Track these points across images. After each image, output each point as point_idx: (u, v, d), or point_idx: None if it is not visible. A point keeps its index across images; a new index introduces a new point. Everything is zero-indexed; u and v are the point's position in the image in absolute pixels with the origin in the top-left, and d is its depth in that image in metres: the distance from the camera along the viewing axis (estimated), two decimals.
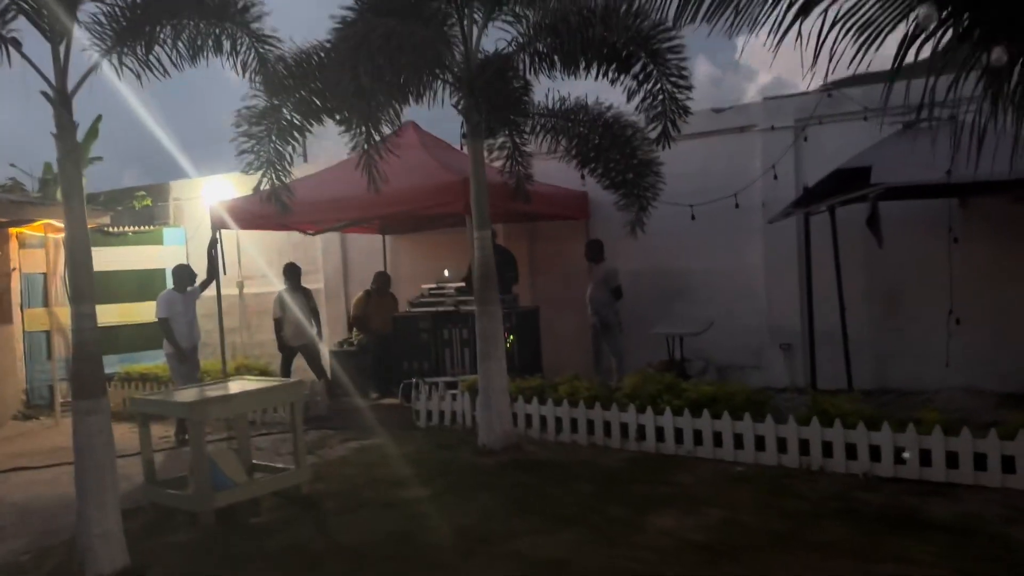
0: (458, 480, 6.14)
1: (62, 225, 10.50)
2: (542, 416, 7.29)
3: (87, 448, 4.45)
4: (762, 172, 9.08)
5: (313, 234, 10.59)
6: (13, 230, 10.72)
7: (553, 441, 7.18)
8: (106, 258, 11.70)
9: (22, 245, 11.00)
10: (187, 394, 5.75)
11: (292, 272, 10.05)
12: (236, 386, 5.92)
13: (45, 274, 11.02)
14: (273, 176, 6.56)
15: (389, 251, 11.51)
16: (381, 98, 5.27)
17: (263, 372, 9.61)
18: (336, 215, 8.63)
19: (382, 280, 10.46)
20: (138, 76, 5.04)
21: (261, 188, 6.63)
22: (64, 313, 11.26)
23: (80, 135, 13.77)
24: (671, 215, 9.30)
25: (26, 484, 6.98)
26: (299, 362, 9.98)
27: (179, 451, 7.81)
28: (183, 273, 8.53)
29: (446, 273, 9.15)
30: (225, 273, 8.86)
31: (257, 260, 11.93)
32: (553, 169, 8.26)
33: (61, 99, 4.43)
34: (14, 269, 10.85)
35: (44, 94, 4.43)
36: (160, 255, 12.41)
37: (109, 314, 11.62)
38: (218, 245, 8.75)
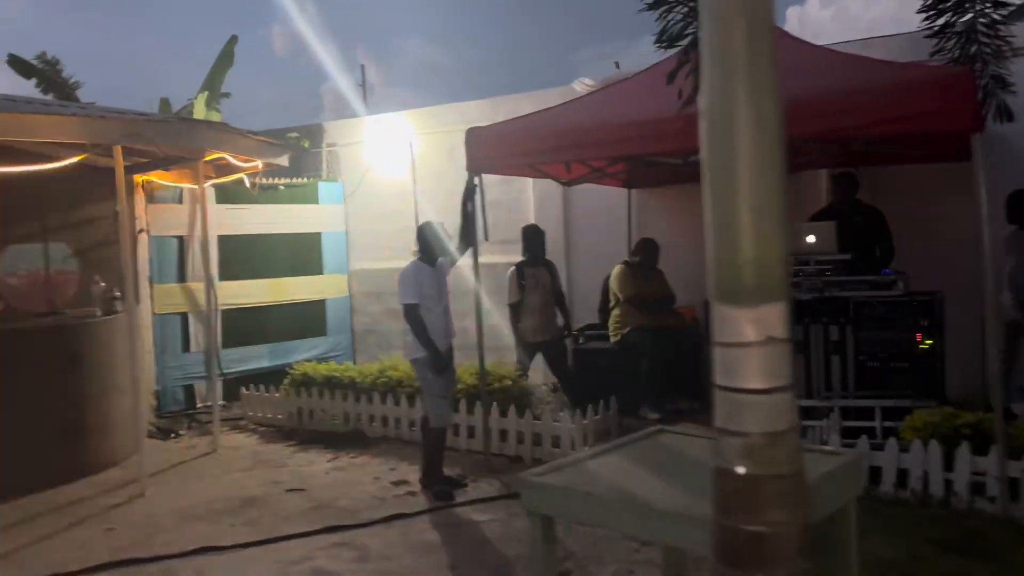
0: None
1: (240, 163, 7.35)
2: None
3: None
4: None
5: (567, 183, 7.57)
6: (139, 177, 7.87)
7: None
8: (253, 219, 8.90)
9: (150, 199, 8.19)
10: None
11: (535, 238, 7.12)
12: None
13: (181, 237, 8.23)
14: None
15: (635, 211, 8.43)
16: None
17: (515, 382, 6.64)
18: None
19: (648, 250, 7.42)
20: None
21: (681, 74, 3.58)
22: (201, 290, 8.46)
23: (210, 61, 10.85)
24: None
25: None
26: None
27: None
28: (434, 235, 5.53)
29: (810, 239, 6.04)
30: (487, 238, 5.89)
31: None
32: None
33: None
34: (142, 231, 8.03)
35: None
36: (317, 216, 9.54)
37: (257, 292, 8.87)
38: (476, 196, 5.75)
